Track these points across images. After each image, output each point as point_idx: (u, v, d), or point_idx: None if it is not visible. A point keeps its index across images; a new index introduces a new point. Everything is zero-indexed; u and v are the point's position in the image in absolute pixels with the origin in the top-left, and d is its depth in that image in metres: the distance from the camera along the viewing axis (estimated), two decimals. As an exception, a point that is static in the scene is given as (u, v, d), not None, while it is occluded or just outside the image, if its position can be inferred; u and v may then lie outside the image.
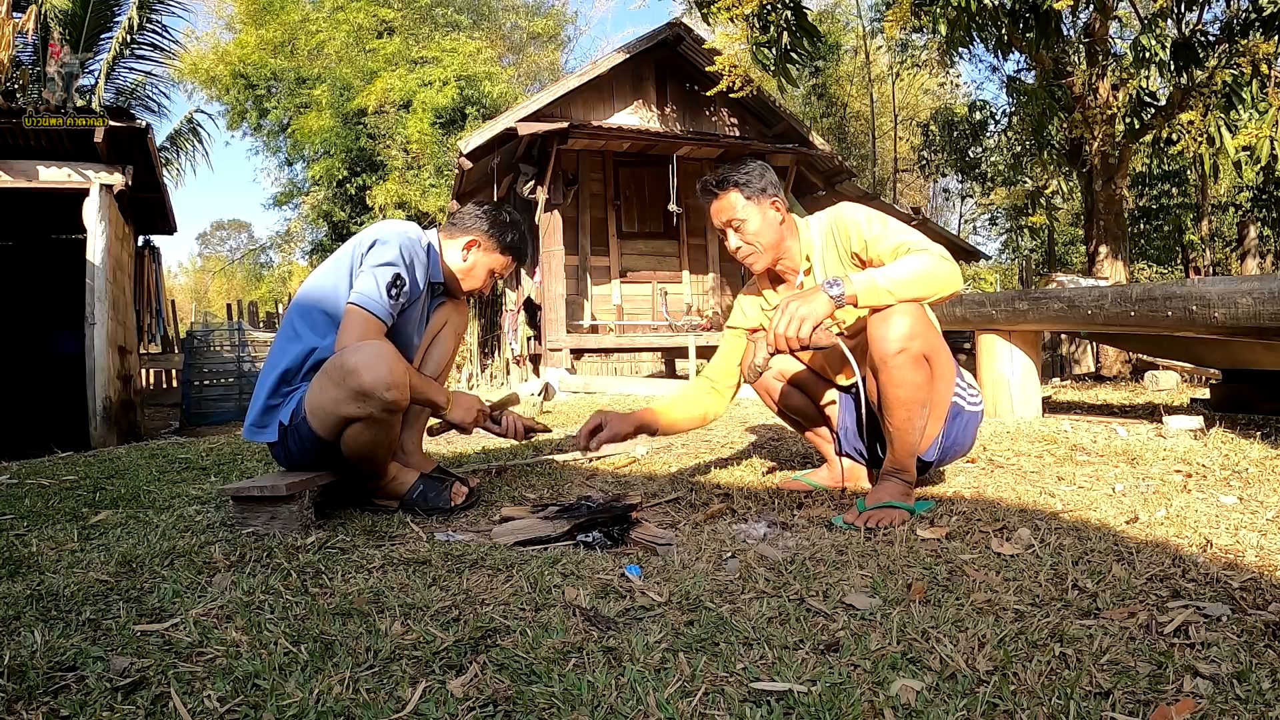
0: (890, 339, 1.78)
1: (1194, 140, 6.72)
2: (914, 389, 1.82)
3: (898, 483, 1.91)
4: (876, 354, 1.82)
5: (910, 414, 1.85)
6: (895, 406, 1.85)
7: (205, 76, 16.79)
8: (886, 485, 1.91)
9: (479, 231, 2.25)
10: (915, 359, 1.80)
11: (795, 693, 0.98)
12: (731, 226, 2.03)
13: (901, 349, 1.78)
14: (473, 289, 2.32)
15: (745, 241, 2.03)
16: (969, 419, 2.04)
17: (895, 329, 1.78)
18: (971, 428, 2.07)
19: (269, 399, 2.03)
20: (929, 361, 1.84)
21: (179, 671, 1.07)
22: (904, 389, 1.82)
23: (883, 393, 1.86)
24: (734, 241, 2.04)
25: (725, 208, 2.03)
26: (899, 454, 1.91)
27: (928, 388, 1.86)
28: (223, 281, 33.06)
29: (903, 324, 1.78)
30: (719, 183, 2.03)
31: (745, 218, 2.01)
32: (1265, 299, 2.53)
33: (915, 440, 1.90)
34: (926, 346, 1.82)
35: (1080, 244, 16.57)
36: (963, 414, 2.02)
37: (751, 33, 7.08)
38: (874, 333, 1.82)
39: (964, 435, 2.07)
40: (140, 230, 8.33)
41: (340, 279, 2.04)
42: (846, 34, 20.06)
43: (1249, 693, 0.95)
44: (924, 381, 1.84)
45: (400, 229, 2.08)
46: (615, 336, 9.45)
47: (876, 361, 1.83)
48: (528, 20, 21.14)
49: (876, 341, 1.81)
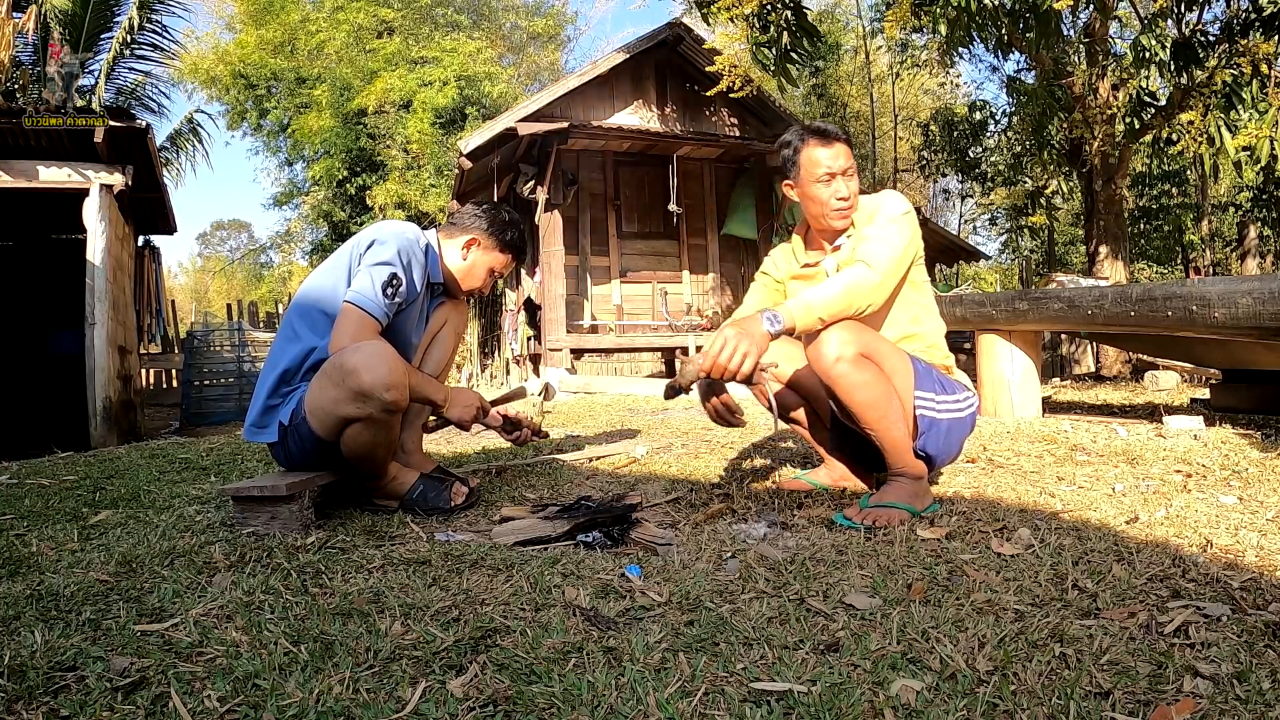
0: (825, 354, 1.84)
1: (1194, 140, 6.71)
2: (869, 387, 1.84)
3: (904, 483, 1.90)
4: (821, 373, 1.87)
5: (880, 411, 1.86)
6: (859, 412, 1.87)
7: (205, 76, 16.79)
8: (893, 485, 1.91)
9: (478, 230, 2.25)
10: (855, 361, 1.83)
11: (795, 693, 0.98)
12: (846, 175, 2.03)
13: (838, 357, 1.82)
14: (472, 288, 2.32)
15: (853, 192, 2.05)
16: (949, 425, 1.99)
17: (827, 345, 1.84)
18: (955, 433, 2.02)
19: (269, 399, 2.03)
20: (870, 359, 1.86)
21: (179, 671, 1.07)
22: (860, 391, 1.84)
23: (845, 405, 1.89)
24: (845, 189, 2.03)
25: (849, 155, 2.05)
26: (890, 454, 1.91)
27: (881, 383, 1.86)
28: (223, 281, 33.05)
29: (830, 336, 1.84)
30: (839, 131, 2.06)
31: (855, 174, 2.06)
32: (1265, 299, 2.53)
33: (900, 433, 1.90)
34: (860, 347, 1.84)
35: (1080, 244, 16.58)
36: (937, 422, 1.97)
37: (751, 33, 7.08)
38: (811, 356, 1.88)
39: (948, 441, 2.02)
40: (140, 230, 8.34)
41: (339, 279, 2.04)
42: (846, 34, 20.05)
43: (1249, 693, 0.95)
44: (874, 378, 1.85)
45: (399, 229, 2.08)
46: (615, 336, 9.45)
47: (824, 380, 1.87)
48: (528, 20, 21.13)
49: (815, 362, 1.87)
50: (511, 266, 2.36)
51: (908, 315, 2.09)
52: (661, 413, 4.66)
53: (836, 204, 2.04)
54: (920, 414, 1.96)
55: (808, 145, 2.04)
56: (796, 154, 2.06)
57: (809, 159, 2.04)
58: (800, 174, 2.06)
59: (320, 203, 16.28)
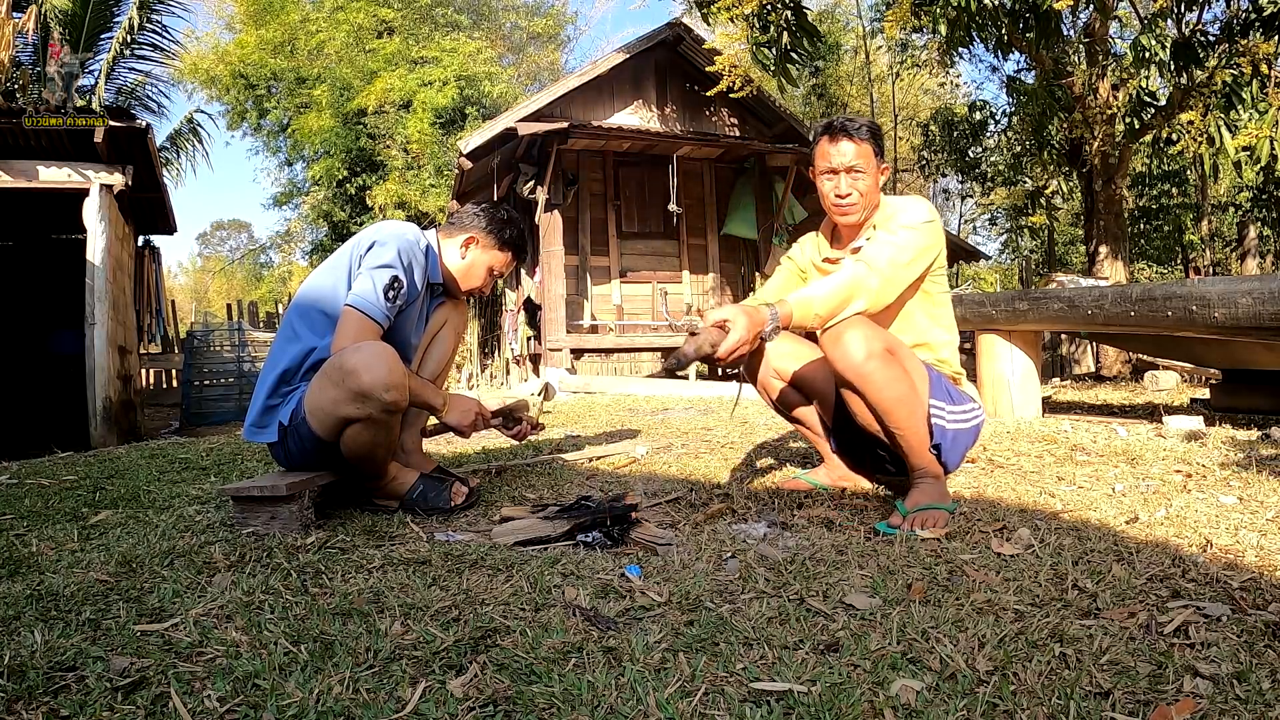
0: (852, 351, 1.81)
1: (1194, 140, 6.72)
2: (898, 384, 1.83)
3: (933, 483, 1.90)
4: (849, 371, 1.84)
5: (910, 408, 1.85)
6: (892, 409, 1.84)
7: (205, 76, 16.78)
8: (923, 487, 1.89)
9: (477, 229, 2.25)
10: (883, 356, 1.82)
11: (795, 693, 0.98)
12: (851, 173, 2.02)
13: (867, 353, 1.81)
14: (472, 288, 2.32)
15: (857, 190, 2.03)
16: (955, 435, 2.01)
17: (853, 344, 1.82)
18: (961, 443, 2.04)
19: (268, 399, 2.03)
20: (895, 355, 1.86)
21: (179, 671, 1.07)
22: (890, 388, 1.83)
23: (873, 404, 1.86)
24: (845, 187, 2.03)
25: (856, 153, 2.02)
26: (917, 453, 1.90)
27: (908, 378, 1.87)
28: (223, 281, 33.05)
29: (854, 334, 1.82)
30: (860, 128, 2.03)
31: (865, 171, 2.03)
32: (1265, 299, 2.53)
33: (925, 433, 1.90)
34: (885, 342, 1.85)
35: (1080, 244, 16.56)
36: (946, 432, 1.99)
37: (751, 33, 7.08)
38: (833, 354, 1.85)
39: (954, 450, 2.03)
40: (140, 230, 8.33)
41: (339, 280, 2.04)
42: (846, 34, 20.04)
43: (1249, 693, 0.95)
44: (903, 373, 1.85)
45: (398, 230, 2.08)
46: (615, 336, 9.45)
47: (852, 378, 1.85)
48: (528, 20, 21.13)
49: (840, 361, 1.84)
50: (511, 265, 2.35)
51: (920, 324, 2.08)
52: (661, 413, 4.66)
53: (834, 200, 2.06)
54: (933, 422, 1.96)
55: (821, 138, 2.07)
56: (814, 144, 2.10)
57: (818, 151, 2.07)
58: (813, 164, 2.10)
59: (320, 203, 16.28)
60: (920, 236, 1.97)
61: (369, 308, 1.96)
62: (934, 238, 2.01)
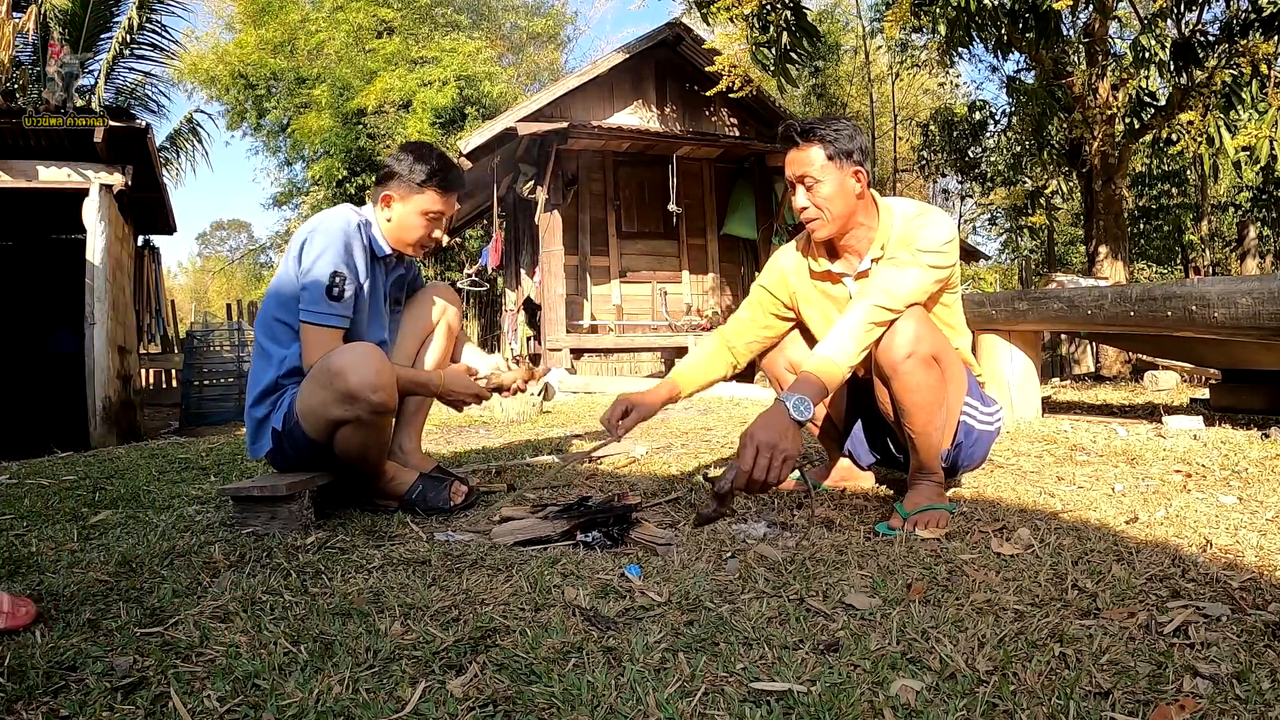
0: (897, 345, 1.77)
1: (1194, 140, 6.72)
2: (928, 391, 1.79)
3: (934, 484, 1.89)
4: (885, 363, 1.79)
5: (929, 416, 1.82)
6: (913, 412, 1.81)
7: (205, 76, 16.77)
8: (921, 489, 1.88)
9: (391, 184, 2.13)
10: (924, 361, 1.77)
11: (795, 693, 0.97)
12: (803, 183, 1.86)
13: (910, 353, 1.76)
14: (416, 239, 2.16)
15: (814, 203, 1.86)
16: (980, 436, 2.01)
17: (901, 335, 1.77)
18: (984, 444, 2.03)
19: (258, 414, 2.05)
20: (938, 362, 1.81)
21: (179, 671, 1.07)
22: (918, 393, 1.79)
23: (897, 400, 1.83)
24: (801, 200, 1.87)
25: (803, 160, 1.85)
26: (924, 457, 1.88)
27: (941, 389, 1.83)
28: (223, 281, 33.04)
29: (907, 329, 1.77)
30: (804, 131, 1.85)
31: (821, 179, 1.84)
32: (1265, 299, 2.53)
33: (937, 440, 1.88)
34: (933, 347, 1.80)
35: (1080, 244, 16.56)
36: (973, 431, 1.98)
37: (751, 33, 7.08)
38: (879, 343, 1.81)
39: (976, 450, 2.03)
40: (140, 230, 8.33)
41: (292, 287, 2.03)
42: (846, 34, 20.03)
43: (1249, 693, 0.95)
44: (937, 383, 1.81)
45: (325, 220, 2.04)
46: (615, 336, 9.45)
47: (886, 371, 1.80)
48: (528, 20, 21.11)
49: (883, 351, 1.79)
50: (442, 201, 2.14)
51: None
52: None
53: (799, 214, 1.91)
54: (964, 420, 1.95)
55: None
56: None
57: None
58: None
59: (320, 203, 16.26)
60: (941, 259, 1.85)
61: (321, 317, 1.96)
62: (954, 254, 1.90)
